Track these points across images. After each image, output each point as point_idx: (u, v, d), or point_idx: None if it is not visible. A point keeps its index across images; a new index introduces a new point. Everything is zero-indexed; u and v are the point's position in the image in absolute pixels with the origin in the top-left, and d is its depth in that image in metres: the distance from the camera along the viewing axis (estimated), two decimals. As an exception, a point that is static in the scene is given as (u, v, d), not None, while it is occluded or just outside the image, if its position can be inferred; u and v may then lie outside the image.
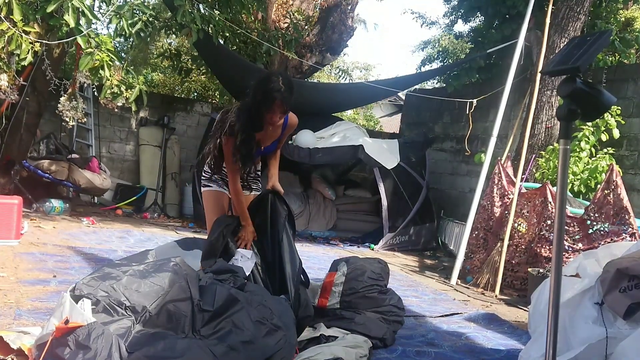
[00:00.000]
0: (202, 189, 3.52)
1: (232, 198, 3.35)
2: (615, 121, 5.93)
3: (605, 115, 5.86)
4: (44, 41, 5.33)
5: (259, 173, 3.61)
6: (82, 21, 5.09)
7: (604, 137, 5.95)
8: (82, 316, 2.27)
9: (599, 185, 5.27)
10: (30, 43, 4.93)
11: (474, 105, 7.38)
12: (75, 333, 2.14)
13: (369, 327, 3.27)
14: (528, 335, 3.39)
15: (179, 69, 9.75)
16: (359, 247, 7.70)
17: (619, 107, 6.04)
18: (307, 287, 3.30)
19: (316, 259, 6.26)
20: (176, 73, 10.66)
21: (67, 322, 2.18)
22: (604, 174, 5.51)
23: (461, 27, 26.17)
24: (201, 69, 10.20)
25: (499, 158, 6.27)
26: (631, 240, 4.70)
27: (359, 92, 8.95)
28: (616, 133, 5.96)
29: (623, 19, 8.42)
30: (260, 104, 3.07)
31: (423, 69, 11.77)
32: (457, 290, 5.46)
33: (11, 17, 4.81)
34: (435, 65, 11.81)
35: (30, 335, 2.51)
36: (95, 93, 6.73)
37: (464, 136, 8.10)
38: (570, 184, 5.75)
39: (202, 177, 3.53)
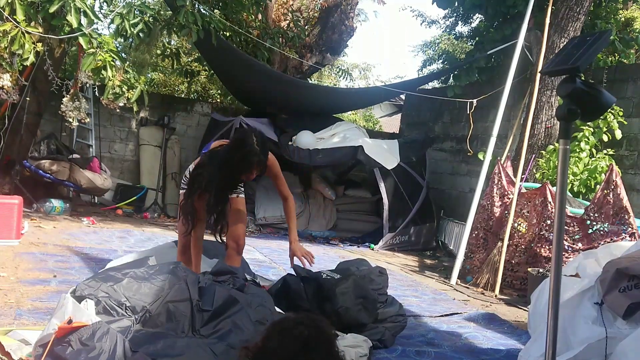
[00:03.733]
0: (181, 191, 3.64)
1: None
2: (617, 122, 5.93)
3: (607, 115, 5.86)
4: (48, 36, 5.31)
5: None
6: (84, 21, 5.09)
7: (605, 138, 5.95)
8: (85, 316, 2.28)
9: (598, 186, 5.27)
10: (32, 43, 4.93)
11: (474, 105, 7.38)
12: (79, 332, 2.15)
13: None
14: (528, 335, 3.39)
15: (184, 71, 9.69)
16: (359, 247, 7.69)
17: (621, 109, 6.05)
18: None
19: (316, 259, 6.23)
20: (182, 76, 10.64)
21: (70, 321, 2.19)
22: (603, 174, 5.51)
23: (461, 27, 26.13)
24: (207, 69, 10.20)
25: (498, 158, 6.27)
26: (631, 240, 4.70)
27: (362, 95, 8.96)
28: (618, 134, 5.96)
29: (623, 19, 8.42)
30: (238, 167, 3.27)
31: (424, 71, 11.79)
32: (456, 290, 5.47)
33: (14, 17, 4.81)
34: (436, 66, 11.83)
35: (31, 346, 2.51)
36: (96, 93, 6.73)
37: (464, 136, 8.09)
38: (570, 184, 5.75)
39: (182, 181, 3.68)
